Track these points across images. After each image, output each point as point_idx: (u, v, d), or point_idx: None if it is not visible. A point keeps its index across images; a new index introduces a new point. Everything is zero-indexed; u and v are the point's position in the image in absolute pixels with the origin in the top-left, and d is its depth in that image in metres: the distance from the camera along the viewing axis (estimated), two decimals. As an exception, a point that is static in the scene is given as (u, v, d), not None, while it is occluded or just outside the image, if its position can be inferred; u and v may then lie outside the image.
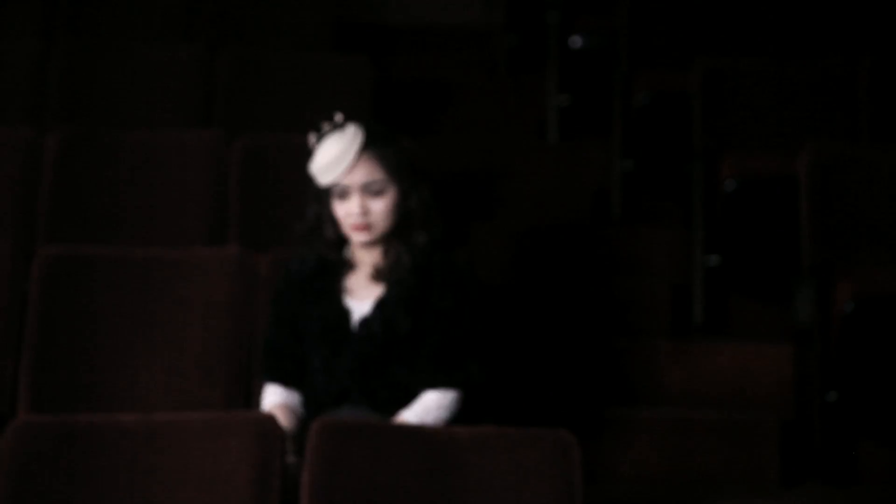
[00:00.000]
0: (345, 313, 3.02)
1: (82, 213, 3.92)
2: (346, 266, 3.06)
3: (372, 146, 3.00)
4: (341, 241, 3.07)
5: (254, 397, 3.20)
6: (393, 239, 3.03)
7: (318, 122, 3.06)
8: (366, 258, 3.06)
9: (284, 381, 3.05)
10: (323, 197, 3.04)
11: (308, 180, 3.07)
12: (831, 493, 3.61)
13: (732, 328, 4.28)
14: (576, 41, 5.31)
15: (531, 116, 5.33)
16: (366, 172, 3.00)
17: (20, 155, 4.00)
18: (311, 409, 3.01)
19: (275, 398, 3.04)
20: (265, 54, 4.65)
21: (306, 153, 3.11)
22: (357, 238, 3.02)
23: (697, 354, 3.93)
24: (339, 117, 3.04)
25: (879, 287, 3.65)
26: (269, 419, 2.68)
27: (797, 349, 3.85)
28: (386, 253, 3.03)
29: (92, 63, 4.54)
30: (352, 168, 3.00)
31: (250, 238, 3.82)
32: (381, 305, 3.00)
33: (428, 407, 2.94)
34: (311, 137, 3.05)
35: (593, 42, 5.29)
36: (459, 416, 2.96)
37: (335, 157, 2.99)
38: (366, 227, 3.00)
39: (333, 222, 3.04)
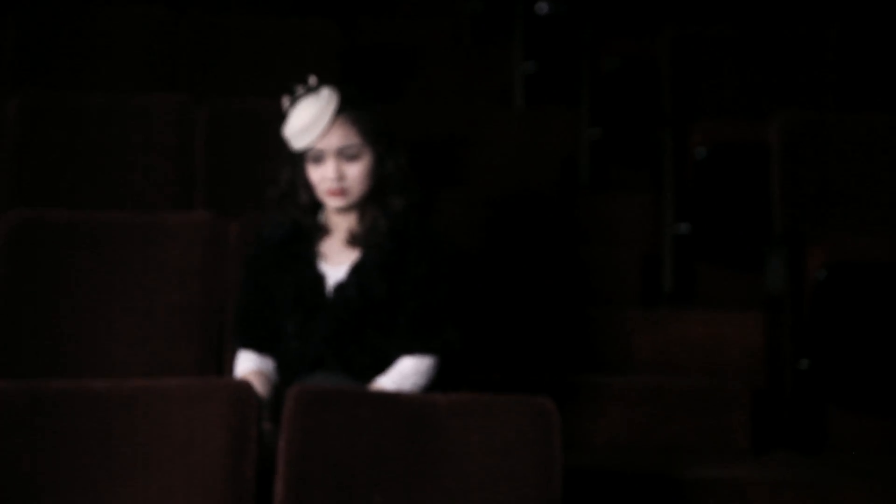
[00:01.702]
0: (319, 278, 2.97)
1: (45, 177, 3.86)
2: (321, 231, 3.01)
3: (347, 109, 2.95)
4: (316, 206, 3.02)
5: (225, 364, 3.16)
6: (368, 204, 2.99)
7: (290, 85, 3.00)
8: (341, 223, 3.01)
9: (258, 347, 3.00)
10: (297, 161, 2.99)
11: (281, 144, 3.01)
12: (801, 461, 3.60)
13: (702, 296, 4.27)
14: (542, 7, 5.27)
15: (497, 83, 5.30)
16: (341, 136, 2.95)
17: (-21, 119, 3.93)
18: (284, 375, 2.97)
19: (248, 364, 2.99)
20: (230, 18, 4.59)
21: (273, 117, 3.05)
22: (332, 203, 2.98)
23: (667, 323, 3.92)
24: (313, 80, 2.99)
25: (852, 254, 3.64)
26: (245, 386, 2.64)
27: (768, 317, 3.84)
28: (361, 218, 2.99)
29: (53, 25, 4.48)
30: (327, 132, 2.94)
31: (216, 203, 3.77)
32: (356, 270, 2.95)
33: (404, 373, 2.90)
34: (285, 101, 3.00)
35: (559, 8, 5.26)
36: (436, 382, 2.93)
37: (309, 120, 2.93)
38: (341, 191, 2.95)
39: (308, 187, 2.99)
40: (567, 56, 5.17)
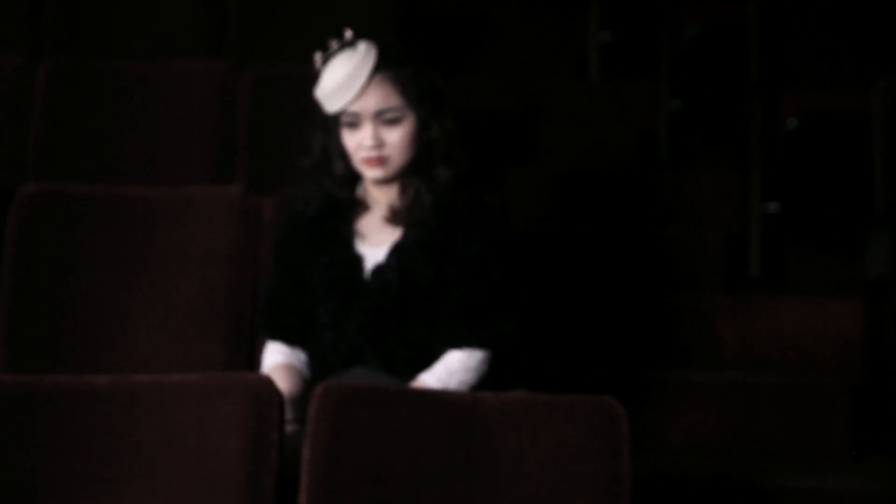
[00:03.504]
0: (356, 260, 2.71)
1: (76, 150, 3.68)
2: (358, 206, 2.75)
3: (386, 67, 2.68)
4: (352, 177, 2.76)
5: (257, 355, 2.92)
6: (411, 175, 2.72)
7: (323, 40, 2.75)
8: (380, 197, 2.75)
9: (287, 338, 2.75)
10: (330, 126, 2.72)
11: (314, 107, 2.76)
12: (907, 467, 3.33)
13: (793, 282, 4.02)
14: (619, -29, 5.07)
15: (571, 55, 5.12)
16: (379, 97, 2.68)
17: (9, 86, 3.76)
18: (317, 370, 2.71)
19: (276, 357, 2.74)
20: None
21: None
22: (370, 174, 2.71)
23: (755, 311, 3.67)
24: (348, 34, 2.72)
25: (966, 235, 3.33)
26: (266, 382, 2.37)
27: (869, 305, 3.57)
28: (403, 191, 2.72)
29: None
30: (363, 92, 2.68)
31: (260, 178, 3.59)
32: (397, 251, 2.69)
33: (451, 369, 2.63)
34: (317, 57, 2.74)
35: (637, -28, 5.06)
36: (487, 379, 2.66)
37: (344, 79, 2.67)
38: (380, 160, 2.68)
39: (343, 156, 2.73)
40: (646, 24, 4.97)
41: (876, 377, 3.50)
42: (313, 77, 2.89)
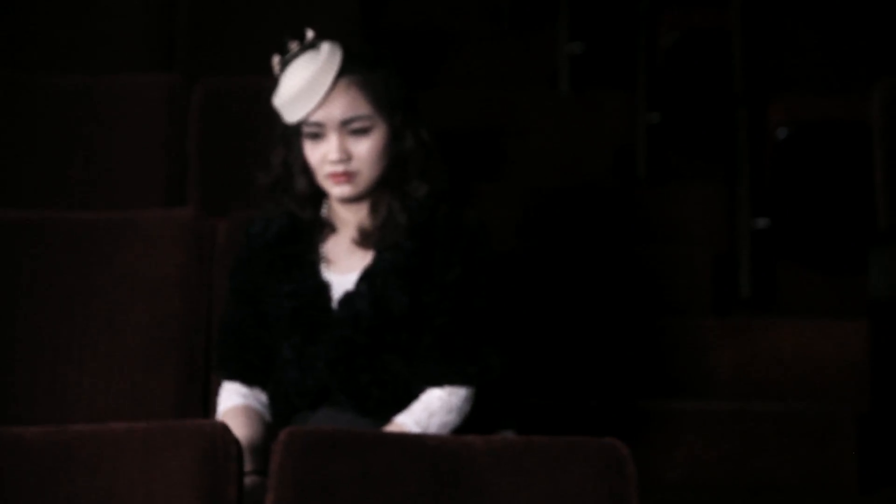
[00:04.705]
0: (323, 289, 2.50)
1: (12, 171, 3.50)
2: (324, 228, 2.55)
3: (353, 70, 2.48)
4: (317, 195, 2.56)
5: (212, 394, 2.73)
6: (383, 191, 2.52)
7: (282, 42, 2.56)
8: (348, 217, 2.54)
9: (245, 377, 2.54)
10: (291, 139, 2.52)
11: (272, 118, 2.56)
12: (919, 501, 3.22)
13: (786, 303, 3.90)
14: (588, -22, 5.00)
15: (540, 68, 5.02)
16: (346, 105, 2.47)
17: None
18: (279, 413, 2.51)
19: (233, 400, 2.53)
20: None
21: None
22: (336, 191, 2.50)
23: (750, 334, 3.55)
24: (310, 34, 2.52)
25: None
26: (221, 430, 2.14)
27: (873, 327, 3.44)
28: (374, 210, 2.52)
29: (31, 3, 4.15)
30: (327, 99, 2.47)
31: (213, 198, 3.43)
32: (368, 277, 2.49)
33: (432, 409, 2.43)
34: (275, 61, 2.54)
35: (608, -22, 5.00)
36: (471, 420, 2.47)
37: (305, 84, 2.47)
38: (347, 176, 2.48)
39: (306, 171, 2.52)
40: (619, 33, 4.88)
41: (883, 403, 3.38)
42: (270, 89, 2.75)
